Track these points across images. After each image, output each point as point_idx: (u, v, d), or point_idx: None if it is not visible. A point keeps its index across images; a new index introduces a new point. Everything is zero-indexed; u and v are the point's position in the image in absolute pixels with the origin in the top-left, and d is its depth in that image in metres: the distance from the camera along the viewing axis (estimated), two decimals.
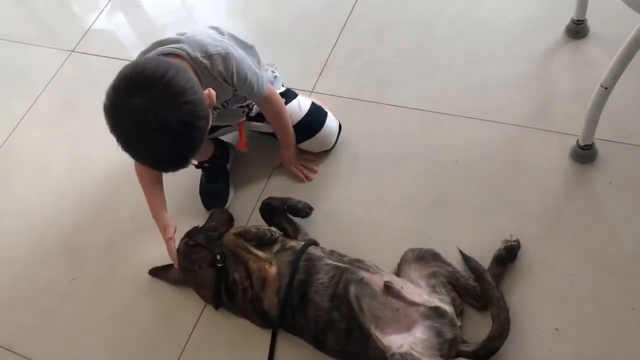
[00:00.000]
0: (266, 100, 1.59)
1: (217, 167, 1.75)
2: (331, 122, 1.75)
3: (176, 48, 1.36)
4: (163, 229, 1.54)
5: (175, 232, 1.53)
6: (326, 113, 1.75)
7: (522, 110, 1.74)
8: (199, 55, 1.38)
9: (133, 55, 1.54)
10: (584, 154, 1.59)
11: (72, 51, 2.35)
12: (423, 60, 1.94)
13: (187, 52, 1.36)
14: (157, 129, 1.17)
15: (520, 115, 1.73)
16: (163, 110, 1.16)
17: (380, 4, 2.13)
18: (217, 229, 1.59)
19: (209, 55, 1.39)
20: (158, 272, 1.64)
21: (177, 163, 1.26)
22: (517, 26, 1.94)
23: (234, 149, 1.83)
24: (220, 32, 1.51)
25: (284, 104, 1.66)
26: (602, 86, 1.41)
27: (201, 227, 1.61)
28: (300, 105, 1.72)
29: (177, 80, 1.18)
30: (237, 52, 1.46)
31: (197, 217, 1.70)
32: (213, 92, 1.29)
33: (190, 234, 1.59)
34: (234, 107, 1.61)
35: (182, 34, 1.42)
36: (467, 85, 1.84)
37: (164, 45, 1.38)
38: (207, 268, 1.51)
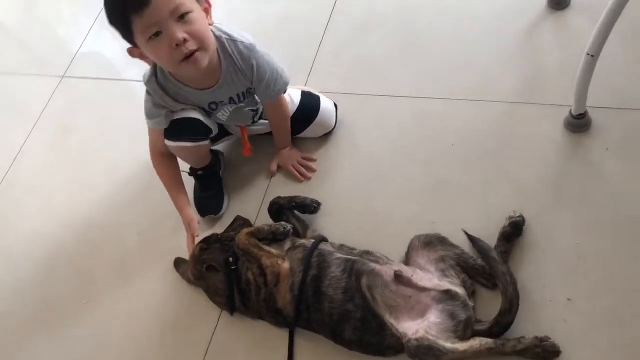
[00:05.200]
0: (278, 103, 1.65)
1: (210, 174, 1.77)
2: (326, 103, 1.77)
3: None
4: (187, 223, 1.61)
5: (198, 223, 1.61)
6: (318, 97, 1.78)
7: (513, 86, 1.75)
8: (223, 36, 1.46)
9: (124, 74, 1.57)
10: (578, 123, 1.60)
11: (63, 76, 2.36)
12: (409, 47, 1.95)
13: (212, 31, 1.44)
14: None
15: (511, 91, 1.74)
16: None
17: None
18: (234, 239, 1.57)
19: (232, 40, 1.48)
20: (180, 264, 1.66)
21: None
22: (499, 3, 1.94)
23: (224, 156, 1.86)
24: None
25: (288, 108, 1.70)
26: (588, 54, 1.42)
27: (219, 236, 1.62)
28: (292, 98, 1.75)
29: None
30: (262, 48, 1.51)
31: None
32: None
33: (206, 240, 1.61)
34: (246, 109, 1.65)
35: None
36: (455, 67, 1.85)
37: None
38: (217, 272, 1.53)
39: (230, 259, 1.51)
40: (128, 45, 1.41)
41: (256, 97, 1.63)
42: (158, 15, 1.30)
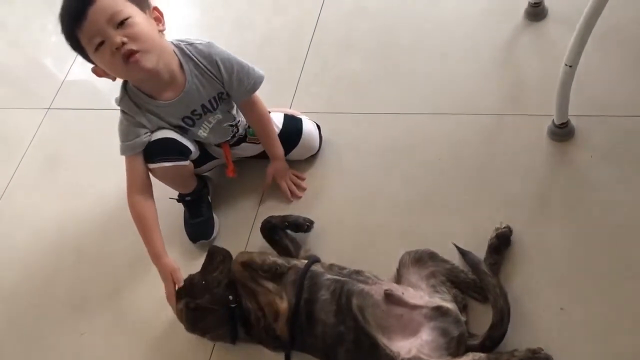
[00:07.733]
0: (252, 102, 1.65)
1: (198, 198, 1.76)
2: (308, 126, 1.78)
3: None
4: (167, 274, 1.53)
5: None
6: (300, 119, 1.79)
7: (495, 99, 1.76)
8: (181, 43, 1.51)
9: (110, 102, 1.57)
10: (561, 132, 1.61)
11: (49, 108, 2.37)
12: (391, 65, 1.97)
13: (170, 41, 1.50)
14: None
15: (494, 103, 1.75)
16: None
17: (342, 17, 2.17)
18: (220, 282, 1.48)
19: (190, 43, 1.53)
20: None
21: None
22: (477, 18, 1.97)
23: (211, 181, 1.86)
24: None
25: (266, 109, 1.71)
26: (566, 65, 1.43)
27: (202, 280, 1.50)
28: (275, 122, 1.76)
29: None
30: (220, 47, 1.56)
31: (185, 252, 1.72)
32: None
33: (189, 293, 1.49)
34: (225, 124, 1.66)
35: None
36: (438, 83, 1.86)
37: None
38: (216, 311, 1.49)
39: (230, 297, 1.46)
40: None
41: (233, 112, 1.66)
42: (96, 25, 1.37)
